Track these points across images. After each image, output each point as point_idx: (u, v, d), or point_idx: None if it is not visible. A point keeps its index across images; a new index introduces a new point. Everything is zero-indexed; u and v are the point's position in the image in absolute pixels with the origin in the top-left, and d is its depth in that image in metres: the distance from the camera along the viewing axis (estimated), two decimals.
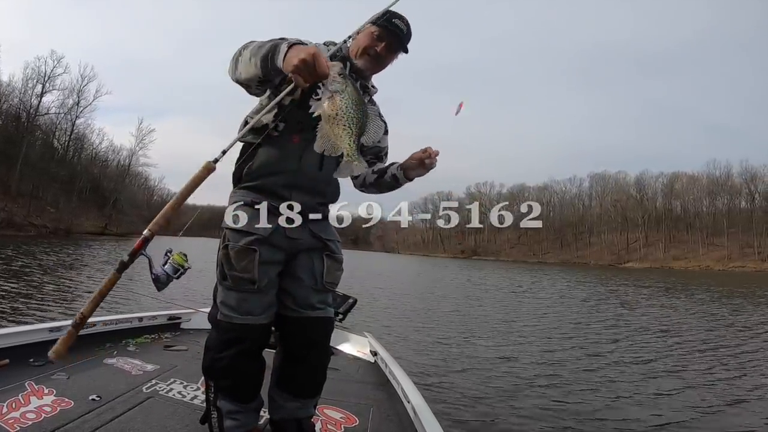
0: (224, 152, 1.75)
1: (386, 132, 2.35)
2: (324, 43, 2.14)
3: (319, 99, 1.58)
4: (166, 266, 2.38)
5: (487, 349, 8.07)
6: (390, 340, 7.76)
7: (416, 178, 2.19)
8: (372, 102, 2.28)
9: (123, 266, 1.53)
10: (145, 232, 1.53)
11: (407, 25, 2.11)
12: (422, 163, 2.09)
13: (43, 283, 11.94)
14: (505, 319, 12.13)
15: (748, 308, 16.33)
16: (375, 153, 2.32)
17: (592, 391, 5.87)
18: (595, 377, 6.54)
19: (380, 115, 2.31)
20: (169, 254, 2.39)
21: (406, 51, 2.16)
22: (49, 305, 8.94)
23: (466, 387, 5.70)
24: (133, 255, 1.56)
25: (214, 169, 1.65)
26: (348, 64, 2.11)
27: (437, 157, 2.08)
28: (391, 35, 2.08)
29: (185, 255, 2.44)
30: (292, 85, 1.57)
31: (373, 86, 2.28)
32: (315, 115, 1.59)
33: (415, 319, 11.27)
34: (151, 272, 2.06)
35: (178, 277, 2.37)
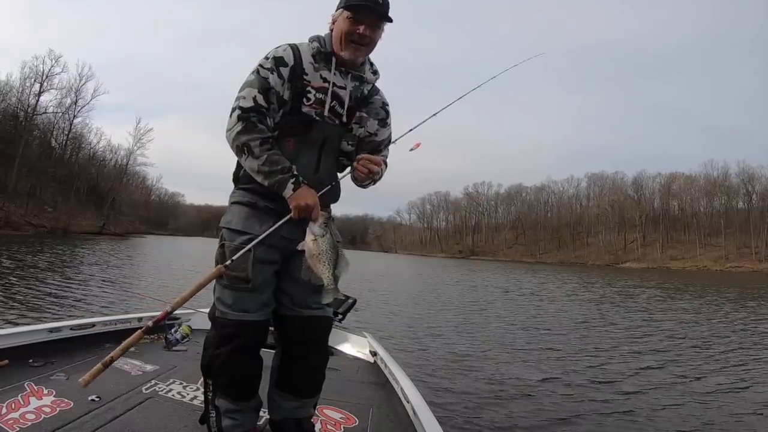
0: (232, 260, 1.93)
1: (385, 124, 2.25)
2: (309, 41, 2.09)
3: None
4: (177, 333, 3.60)
5: (487, 350, 8.06)
6: (389, 340, 7.74)
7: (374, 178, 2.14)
8: (374, 92, 2.23)
9: (149, 330, 1.82)
10: (168, 308, 1.84)
11: None
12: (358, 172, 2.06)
13: (43, 283, 11.89)
14: (507, 320, 12.03)
15: (765, 311, 16.04)
16: (373, 147, 2.21)
17: (601, 395, 5.76)
18: (605, 381, 6.42)
19: (384, 105, 2.25)
20: (179, 326, 3.54)
21: (389, 20, 2.02)
22: (48, 306, 8.91)
23: (466, 387, 5.70)
24: (157, 323, 1.85)
25: (224, 270, 1.94)
26: (334, 60, 2.06)
27: (370, 171, 2.05)
28: (366, 13, 1.96)
29: (191, 326, 3.74)
30: (289, 216, 1.90)
31: (374, 72, 2.20)
32: (299, 249, 1.89)
33: (415, 319, 11.23)
34: (166, 336, 2.78)
35: (183, 343, 3.40)
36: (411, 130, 2.23)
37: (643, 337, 10.09)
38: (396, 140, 2.23)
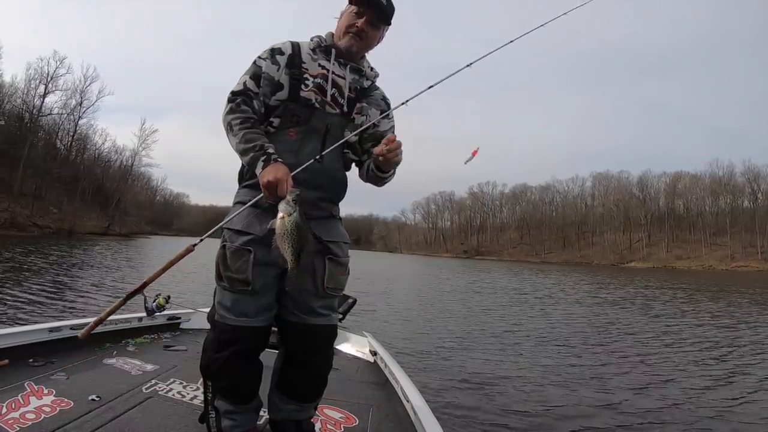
0: (201, 240, 1.94)
1: (386, 115, 2.24)
2: (311, 39, 2.16)
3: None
4: (153, 303, 3.76)
5: (489, 350, 8.03)
6: (389, 340, 7.73)
7: (393, 168, 2.09)
8: (374, 87, 2.25)
9: (129, 296, 1.88)
10: (146, 279, 1.87)
11: None
12: (386, 157, 1.98)
13: (44, 283, 11.94)
14: (511, 320, 11.90)
15: None
16: (376, 139, 2.18)
17: (608, 400, 5.59)
18: (613, 384, 6.28)
19: (384, 98, 2.27)
20: (157, 297, 3.72)
21: (388, 23, 2.13)
22: (48, 305, 8.94)
23: (467, 386, 5.68)
24: (135, 293, 1.87)
25: (192, 250, 1.88)
26: (333, 51, 2.13)
27: (399, 148, 1.97)
28: (370, 9, 2.05)
29: (166, 298, 3.90)
30: (260, 195, 1.88)
31: (372, 68, 2.25)
32: (269, 228, 1.83)
33: (415, 319, 11.20)
34: (145, 305, 2.89)
35: (160, 312, 3.63)
36: (431, 86, 2.17)
37: (676, 343, 9.43)
38: (407, 101, 2.16)
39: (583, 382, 6.23)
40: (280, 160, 1.87)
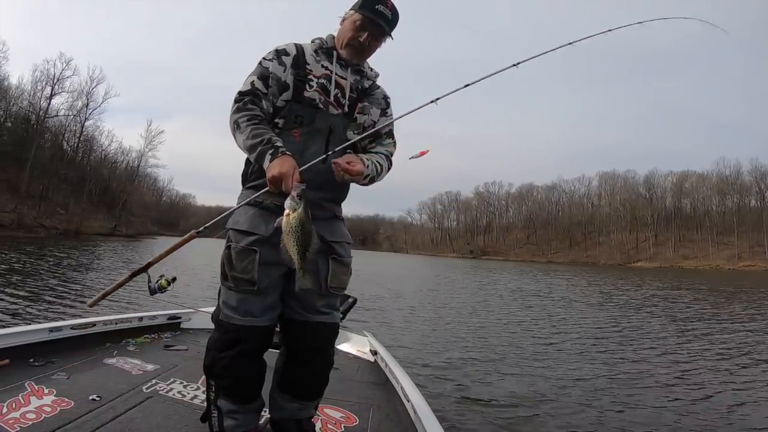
0: (206, 227, 1.98)
1: (385, 114, 2.25)
2: (312, 41, 2.17)
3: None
4: (156, 284, 3.53)
5: (489, 350, 7.99)
6: (390, 340, 7.70)
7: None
8: (375, 86, 2.26)
9: (134, 274, 1.98)
10: (150, 259, 1.97)
11: (392, 9, 2.05)
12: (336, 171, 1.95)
13: (45, 283, 12.01)
14: (522, 323, 11.72)
15: None
16: (373, 135, 2.22)
17: (611, 401, 5.45)
18: (620, 388, 6.10)
19: (385, 97, 2.28)
20: (160, 278, 3.57)
21: (390, 36, 2.11)
22: (49, 305, 8.99)
23: (467, 386, 5.66)
24: (140, 271, 1.98)
25: (196, 236, 1.96)
26: (335, 53, 2.13)
27: (348, 175, 1.94)
28: (373, 24, 2.04)
29: (168, 280, 3.79)
30: (266, 189, 1.88)
31: (371, 69, 2.25)
32: (275, 226, 1.81)
33: (416, 318, 11.16)
34: (148, 285, 2.57)
35: (162, 293, 3.29)
36: (436, 100, 2.13)
37: (710, 351, 8.64)
38: (437, 99, 2.15)
39: (600, 392, 5.93)
40: (288, 153, 1.86)
